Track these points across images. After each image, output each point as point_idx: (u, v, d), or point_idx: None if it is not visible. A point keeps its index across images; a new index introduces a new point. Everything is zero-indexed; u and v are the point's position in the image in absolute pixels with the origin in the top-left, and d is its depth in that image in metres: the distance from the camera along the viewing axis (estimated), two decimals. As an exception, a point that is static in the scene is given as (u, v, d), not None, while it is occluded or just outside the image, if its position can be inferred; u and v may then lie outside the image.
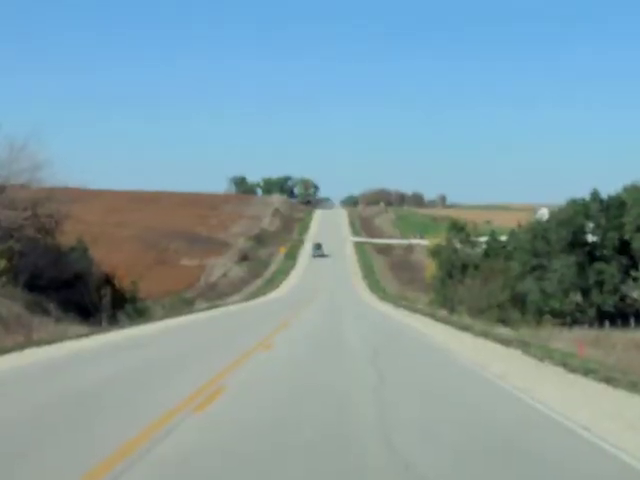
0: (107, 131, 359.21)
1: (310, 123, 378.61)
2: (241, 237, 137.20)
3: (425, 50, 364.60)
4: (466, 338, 28.08)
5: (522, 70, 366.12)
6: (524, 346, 22.68)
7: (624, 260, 53.12)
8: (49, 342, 23.89)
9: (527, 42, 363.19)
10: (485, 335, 28.04)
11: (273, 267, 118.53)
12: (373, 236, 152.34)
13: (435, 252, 72.79)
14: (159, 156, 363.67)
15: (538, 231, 56.74)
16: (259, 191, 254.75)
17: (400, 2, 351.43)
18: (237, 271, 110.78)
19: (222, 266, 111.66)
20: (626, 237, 52.91)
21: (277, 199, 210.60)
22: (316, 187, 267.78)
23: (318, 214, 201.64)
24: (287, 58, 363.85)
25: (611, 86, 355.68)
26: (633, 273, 52.25)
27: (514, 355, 21.39)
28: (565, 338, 30.20)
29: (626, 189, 55.26)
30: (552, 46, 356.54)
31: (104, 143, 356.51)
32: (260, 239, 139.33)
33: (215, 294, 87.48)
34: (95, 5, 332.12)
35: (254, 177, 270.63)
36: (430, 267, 78.10)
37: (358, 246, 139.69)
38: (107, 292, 41.13)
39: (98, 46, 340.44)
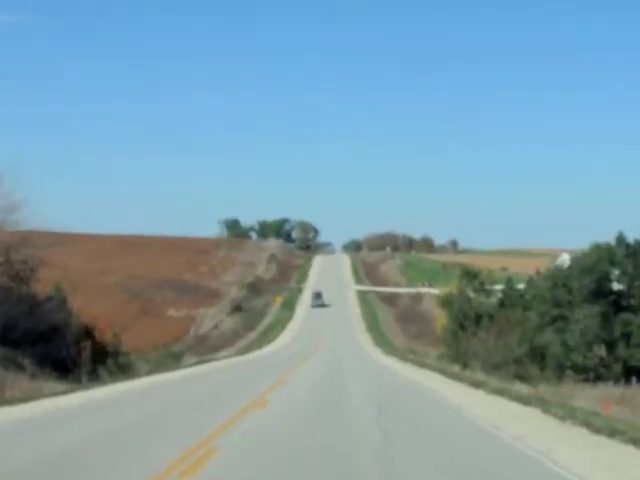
0: (91, 170, 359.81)
1: (309, 162, 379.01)
2: (234, 285, 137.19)
3: (434, 86, 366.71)
4: (480, 396, 28.02)
5: (540, 108, 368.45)
6: (544, 404, 22.63)
7: (653, 310, 53.03)
8: (23, 400, 23.86)
9: (543, 78, 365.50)
10: (501, 392, 27.98)
11: (269, 318, 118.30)
12: (378, 284, 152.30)
13: (446, 302, 72.70)
14: (145, 197, 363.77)
15: (559, 278, 56.68)
16: (253, 235, 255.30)
17: (406, 35, 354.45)
18: (229, 323, 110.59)
19: (213, 317, 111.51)
20: (655, 285, 52.89)
21: (273, 244, 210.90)
22: (316, 231, 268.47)
23: (318, 260, 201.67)
24: (284, 92, 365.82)
25: (636, 123, 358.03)
26: (663, 324, 52.14)
27: (533, 414, 21.35)
28: (588, 396, 30.15)
29: (655, 233, 55.33)
30: (572, 82, 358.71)
31: (87, 183, 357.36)
32: (254, 288, 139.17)
33: (205, 348, 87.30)
34: (82, 31, 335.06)
35: (248, 220, 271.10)
36: (440, 318, 77.96)
37: (361, 295, 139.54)
38: (87, 346, 41.09)
39: (84, 80, 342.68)
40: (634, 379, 45.17)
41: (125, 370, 47.12)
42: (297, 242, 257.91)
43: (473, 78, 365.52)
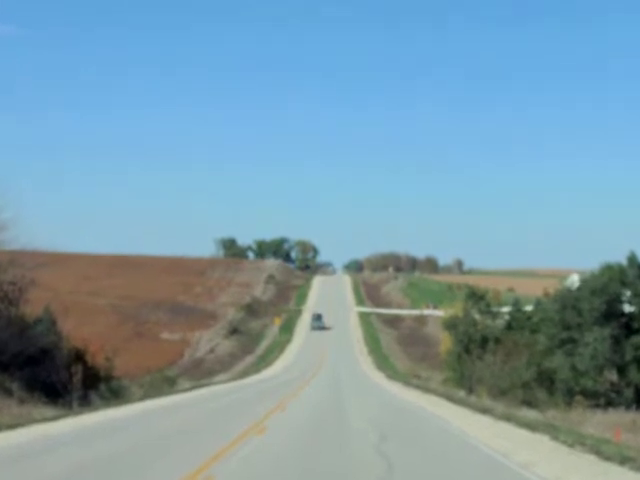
0: (82, 188, 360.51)
1: (308, 179, 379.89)
2: (230, 307, 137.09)
3: (437, 103, 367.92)
4: (486, 422, 28.03)
5: (544, 127, 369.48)
6: (552, 431, 22.65)
7: (665, 333, 52.98)
8: (12, 426, 23.84)
9: (546, 96, 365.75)
10: (508, 418, 27.99)
11: (267, 341, 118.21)
12: (380, 306, 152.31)
13: (451, 324, 72.59)
14: (138, 216, 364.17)
15: (568, 300, 56.59)
16: (251, 255, 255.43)
17: (407, 50, 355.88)
18: (226, 346, 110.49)
19: (209, 340, 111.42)
20: (667, 307, 52.86)
21: (271, 264, 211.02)
22: (315, 250, 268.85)
23: (318, 281, 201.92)
24: (282, 109, 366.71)
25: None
26: (676, 348, 52.08)
27: (541, 441, 21.36)
28: (599, 422, 30.15)
29: (667, 252, 55.30)
30: (576, 100, 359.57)
31: (78, 201, 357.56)
32: (252, 309, 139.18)
33: (201, 372, 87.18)
34: (71, 47, 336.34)
35: (245, 239, 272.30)
36: (445, 341, 77.91)
37: (363, 317, 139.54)
38: (78, 369, 40.99)
39: (74, 95, 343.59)
40: (646, 404, 45.06)
41: (117, 395, 47.02)
42: (296, 262, 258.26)
43: (474, 96, 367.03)
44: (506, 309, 71.92)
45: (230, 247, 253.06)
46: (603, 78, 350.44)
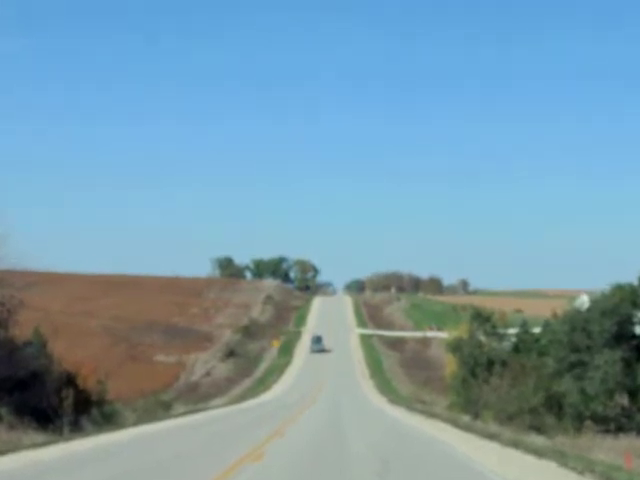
0: (75, 206, 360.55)
1: (308, 197, 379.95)
2: (227, 329, 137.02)
3: (442, 119, 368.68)
4: (493, 448, 27.94)
5: (550, 145, 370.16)
6: (561, 457, 22.59)
7: (678, 356, 52.90)
8: (1, 452, 23.82)
9: (555, 114, 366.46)
10: (515, 444, 27.92)
11: (265, 364, 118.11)
12: (382, 327, 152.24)
13: (455, 347, 72.50)
14: (132, 234, 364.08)
15: (577, 322, 56.52)
16: (248, 275, 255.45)
17: (408, 60, 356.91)
18: (222, 369, 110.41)
19: (205, 363, 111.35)
20: (680, 328, 52.82)
21: (269, 284, 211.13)
22: (315, 270, 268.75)
23: (318, 301, 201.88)
24: (280, 126, 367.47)
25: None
26: (689, 371, 51.98)
27: (548, 468, 21.31)
28: (609, 447, 30.11)
29: (680, 272, 55.25)
30: (589, 115, 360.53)
31: (70, 219, 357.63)
32: (249, 331, 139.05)
33: (196, 396, 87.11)
34: (64, 58, 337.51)
35: (242, 258, 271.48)
36: (450, 364, 77.81)
37: (364, 339, 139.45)
38: (69, 394, 40.96)
39: (65, 107, 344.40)
40: (658, 430, 44.97)
41: (110, 420, 46.96)
42: (295, 282, 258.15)
43: (481, 111, 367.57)
44: (513, 331, 71.83)
45: (227, 267, 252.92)
46: (609, 92, 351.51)
